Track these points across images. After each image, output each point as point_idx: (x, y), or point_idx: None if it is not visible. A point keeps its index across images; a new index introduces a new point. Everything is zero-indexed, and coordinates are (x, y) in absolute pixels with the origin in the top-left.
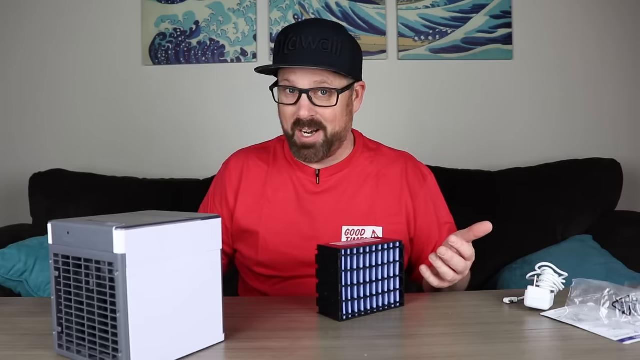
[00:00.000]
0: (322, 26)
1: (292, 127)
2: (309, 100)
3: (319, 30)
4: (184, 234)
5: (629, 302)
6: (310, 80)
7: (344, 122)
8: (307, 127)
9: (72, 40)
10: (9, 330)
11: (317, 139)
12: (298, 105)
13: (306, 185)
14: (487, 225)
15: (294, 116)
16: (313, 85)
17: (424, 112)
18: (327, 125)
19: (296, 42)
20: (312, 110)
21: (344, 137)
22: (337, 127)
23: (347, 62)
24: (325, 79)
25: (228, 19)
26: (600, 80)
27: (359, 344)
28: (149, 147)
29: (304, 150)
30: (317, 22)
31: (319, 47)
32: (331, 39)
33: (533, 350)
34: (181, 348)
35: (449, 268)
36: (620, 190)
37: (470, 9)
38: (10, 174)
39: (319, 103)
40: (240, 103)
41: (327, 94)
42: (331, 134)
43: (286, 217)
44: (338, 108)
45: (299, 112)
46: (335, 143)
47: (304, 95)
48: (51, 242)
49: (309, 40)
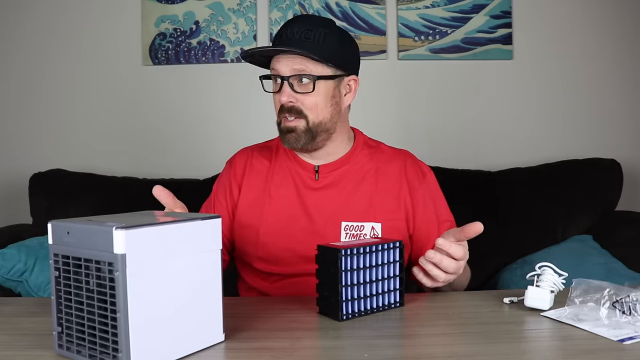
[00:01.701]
0: (310, 19)
1: (279, 115)
2: (289, 87)
3: (306, 22)
4: (184, 234)
5: (629, 302)
6: (290, 68)
7: (328, 113)
8: (288, 113)
9: (72, 40)
10: (9, 330)
11: (297, 123)
12: (280, 92)
13: (306, 181)
14: (478, 226)
15: (279, 103)
16: (292, 73)
17: (423, 112)
18: (308, 114)
19: (282, 34)
20: (292, 97)
21: (331, 129)
22: (319, 116)
23: (329, 53)
24: (304, 67)
25: (228, 19)
26: (600, 80)
27: (359, 344)
28: (149, 147)
29: (287, 134)
30: (307, 17)
31: (302, 37)
32: (315, 30)
33: (533, 350)
34: (181, 348)
35: (440, 270)
36: (620, 190)
37: (470, 9)
38: (10, 174)
39: (299, 90)
40: (240, 103)
41: (308, 82)
42: (313, 122)
43: (286, 212)
44: (319, 97)
45: (280, 98)
46: (320, 134)
47: (285, 82)
48: (51, 242)
49: (293, 31)
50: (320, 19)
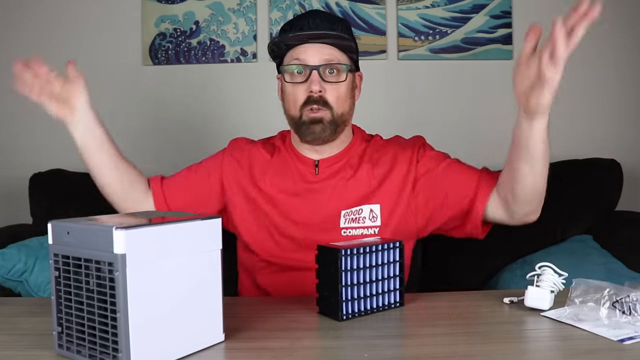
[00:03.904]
0: (325, 14)
1: (301, 108)
2: (319, 76)
3: (323, 15)
4: (183, 234)
5: (629, 302)
6: (320, 57)
7: (348, 106)
8: (316, 104)
9: (72, 40)
10: (9, 330)
11: (323, 114)
12: (309, 81)
13: (305, 176)
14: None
15: (306, 93)
16: (323, 62)
17: (423, 112)
18: (333, 105)
19: (304, 25)
20: (322, 86)
21: (347, 122)
22: (342, 108)
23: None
24: (333, 57)
25: (228, 19)
26: (600, 80)
27: (359, 344)
28: (149, 147)
29: (313, 125)
30: (320, 11)
31: (327, 27)
32: (337, 23)
33: (533, 350)
34: (181, 348)
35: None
36: (620, 190)
37: (470, 9)
38: (10, 174)
39: (329, 79)
40: (240, 103)
41: (335, 72)
42: (337, 114)
43: (285, 205)
44: (344, 88)
45: (310, 87)
46: (340, 126)
47: (315, 72)
48: (51, 242)
49: (316, 22)
50: (332, 14)
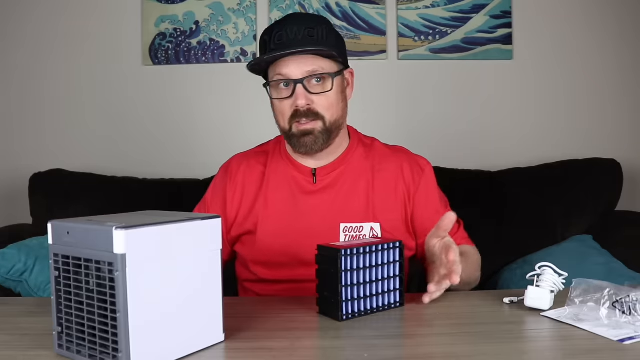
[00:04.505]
0: (305, 18)
1: (290, 121)
2: (304, 89)
3: (303, 21)
4: (184, 234)
5: (629, 302)
6: (303, 70)
7: (341, 110)
8: (305, 117)
9: (72, 41)
10: (9, 330)
11: (314, 125)
12: (294, 96)
13: (303, 185)
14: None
15: (292, 108)
16: (306, 74)
17: (423, 112)
18: (325, 114)
19: (282, 36)
20: (308, 99)
21: (342, 125)
22: (334, 114)
23: (335, 47)
24: (316, 67)
25: (228, 19)
26: (600, 80)
27: (359, 344)
28: (149, 147)
29: (303, 137)
30: (300, 15)
31: (305, 36)
32: (316, 28)
33: (533, 350)
34: (181, 348)
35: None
36: (620, 190)
37: (470, 9)
38: (10, 174)
39: (315, 91)
40: (240, 103)
41: (321, 81)
42: (330, 122)
43: (283, 217)
44: (333, 95)
45: (296, 102)
46: (334, 131)
47: (299, 85)
48: (51, 242)
49: (294, 31)
50: (312, 16)
